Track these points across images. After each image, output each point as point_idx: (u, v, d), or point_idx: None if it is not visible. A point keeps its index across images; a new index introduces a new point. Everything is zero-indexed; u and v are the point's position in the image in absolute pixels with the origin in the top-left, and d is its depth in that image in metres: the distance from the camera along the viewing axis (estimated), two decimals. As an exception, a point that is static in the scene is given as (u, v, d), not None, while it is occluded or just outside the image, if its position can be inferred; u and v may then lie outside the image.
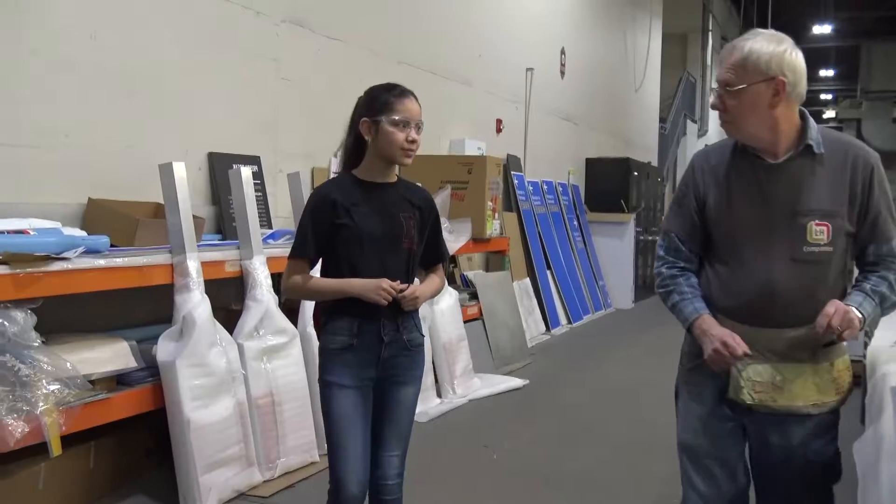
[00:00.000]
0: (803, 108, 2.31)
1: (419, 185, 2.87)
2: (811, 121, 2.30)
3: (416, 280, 2.76)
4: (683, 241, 2.42)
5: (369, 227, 2.61)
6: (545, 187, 9.82)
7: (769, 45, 2.21)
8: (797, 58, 2.23)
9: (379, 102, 2.66)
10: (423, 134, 2.75)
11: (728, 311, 2.33)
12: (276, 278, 3.79)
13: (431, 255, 2.82)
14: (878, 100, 26.31)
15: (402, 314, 2.67)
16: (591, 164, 11.66)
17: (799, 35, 21.21)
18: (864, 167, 2.26)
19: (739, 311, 2.31)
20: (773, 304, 2.27)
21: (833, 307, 2.17)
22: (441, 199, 6.31)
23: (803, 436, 2.32)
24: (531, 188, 9.36)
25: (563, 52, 10.59)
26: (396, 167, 2.73)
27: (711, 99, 2.35)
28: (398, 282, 2.59)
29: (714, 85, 2.35)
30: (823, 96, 31.28)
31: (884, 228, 2.28)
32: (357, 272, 2.61)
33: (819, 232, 2.25)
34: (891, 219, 2.29)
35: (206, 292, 3.82)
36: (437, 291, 2.86)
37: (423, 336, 2.78)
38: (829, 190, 2.25)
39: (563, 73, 10.63)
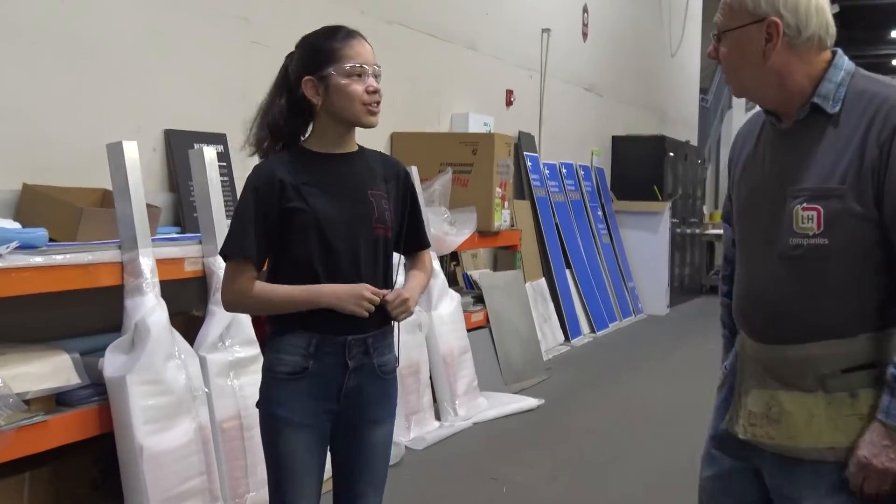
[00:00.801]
0: (836, 49, 2.12)
1: (387, 154, 2.75)
2: (836, 68, 2.09)
3: (400, 278, 2.67)
4: (730, 230, 2.40)
5: (329, 211, 2.47)
6: (564, 171, 9.83)
7: None
8: None
9: (323, 53, 2.51)
10: (418, 108, 2.71)
11: (738, 321, 2.28)
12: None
13: (412, 242, 2.70)
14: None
15: (373, 330, 2.52)
16: (618, 143, 11.68)
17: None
18: (884, 124, 1.98)
19: (739, 321, 2.26)
20: (757, 314, 2.16)
21: (863, 453, 1.95)
22: (440, 185, 6.34)
23: (818, 490, 2.06)
24: (547, 172, 9.37)
25: (585, 10, 10.59)
26: (354, 132, 2.60)
27: (711, 47, 2.20)
28: (385, 292, 2.47)
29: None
30: None
31: None
32: (317, 272, 2.45)
33: (807, 218, 2.03)
34: None
35: (163, 295, 3.83)
36: (424, 289, 2.73)
37: (398, 359, 2.66)
38: (831, 161, 2.02)
39: (585, 35, 10.63)
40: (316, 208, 2.46)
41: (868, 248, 2.01)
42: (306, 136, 2.59)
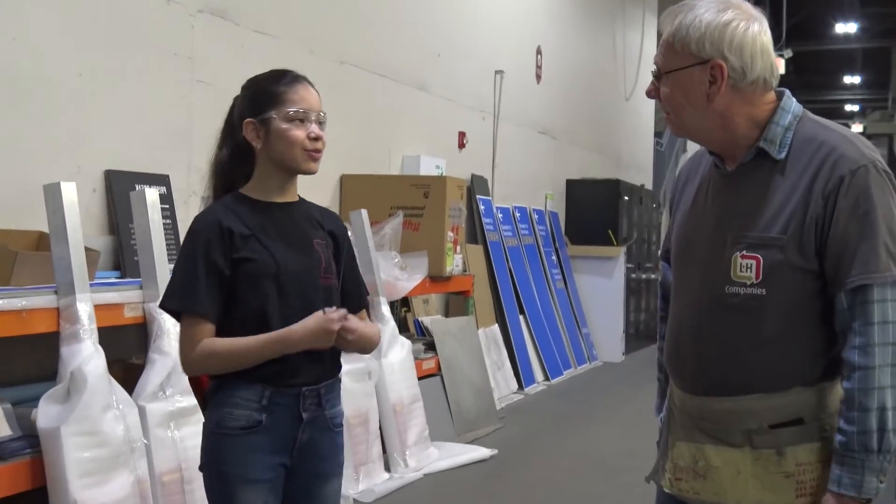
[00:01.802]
0: (783, 90, 2.11)
1: (325, 207, 2.73)
2: (783, 111, 2.08)
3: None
4: (669, 270, 2.40)
5: (282, 260, 2.44)
6: (517, 215, 9.89)
7: (707, 14, 2.01)
8: (749, 33, 2.01)
9: (266, 96, 2.49)
10: (369, 150, 2.72)
11: (667, 369, 2.27)
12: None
13: (354, 298, 2.64)
14: (913, 112, 26.92)
15: (325, 380, 2.50)
16: (572, 186, 11.79)
17: (820, 35, 21.73)
18: (830, 175, 1.96)
19: (669, 369, 2.24)
20: (686, 362, 2.15)
21: None
22: (391, 229, 6.34)
23: None
24: (500, 216, 9.42)
25: (539, 53, 10.72)
26: (296, 180, 2.58)
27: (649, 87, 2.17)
28: (334, 308, 2.41)
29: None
30: (849, 107, 32.01)
31: (850, 269, 1.94)
32: (269, 325, 2.40)
33: (746, 267, 2.02)
34: (875, 256, 1.94)
35: (101, 342, 3.78)
36: (371, 340, 2.63)
37: (343, 411, 2.63)
38: (774, 209, 2.01)
39: (539, 77, 10.76)
40: (269, 258, 2.43)
41: (806, 300, 2.01)
42: (249, 183, 2.56)
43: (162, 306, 2.48)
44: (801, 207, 1.98)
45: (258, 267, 2.41)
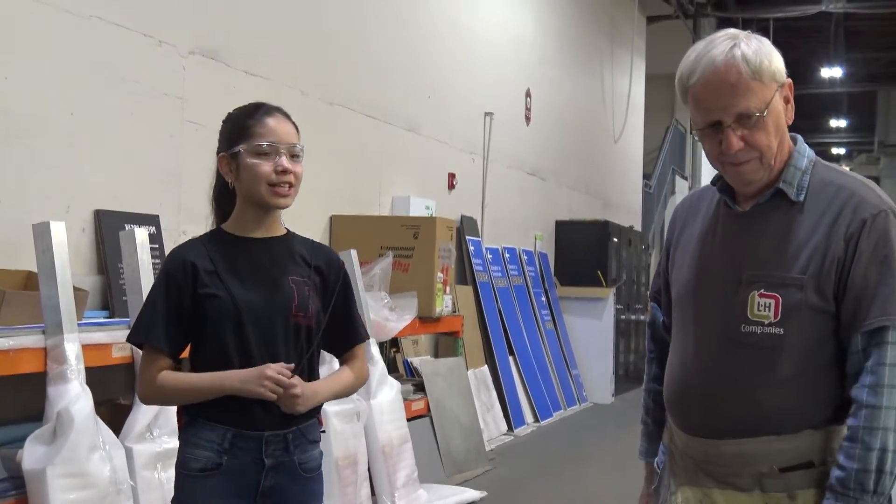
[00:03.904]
0: (796, 135, 2.13)
1: (321, 242, 2.67)
2: (800, 154, 2.08)
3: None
4: (660, 311, 2.38)
5: (244, 297, 2.39)
6: (507, 256, 9.90)
7: (761, 43, 2.01)
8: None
9: (237, 130, 2.45)
10: (359, 190, 2.69)
11: (670, 411, 2.23)
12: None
13: (343, 337, 2.59)
14: (898, 155, 27.15)
15: (295, 424, 2.42)
16: (561, 227, 11.82)
17: (806, 79, 21.92)
18: (852, 218, 1.97)
19: (671, 411, 2.21)
20: (693, 404, 2.11)
21: None
22: (381, 269, 6.33)
23: None
24: (490, 256, 9.43)
25: (528, 95, 10.79)
26: (278, 215, 2.53)
27: (732, 143, 1.99)
28: (292, 366, 2.36)
29: (699, 126, 2.04)
30: (835, 150, 32.24)
31: (868, 310, 1.94)
32: (230, 363, 2.37)
33: (764, 306, 2.00)
34: (893, 299, 1.94)
35: (88, 383, 3.75)
36: (347, 390, 2.59)
37: (322, 454, 2.55)
38: (793, 250, 2.00)
39: (528, 119, 10.82)
40: (231, 295, 2.39)
41: (821, 341, 2.00)
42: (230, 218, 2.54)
43: (127, 339, 2.50)
44: (822, 248, 1.98)
45: (219, 304, 2.38)
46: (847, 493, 1.92)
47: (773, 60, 2.00)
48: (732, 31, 2.04)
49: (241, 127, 2.45)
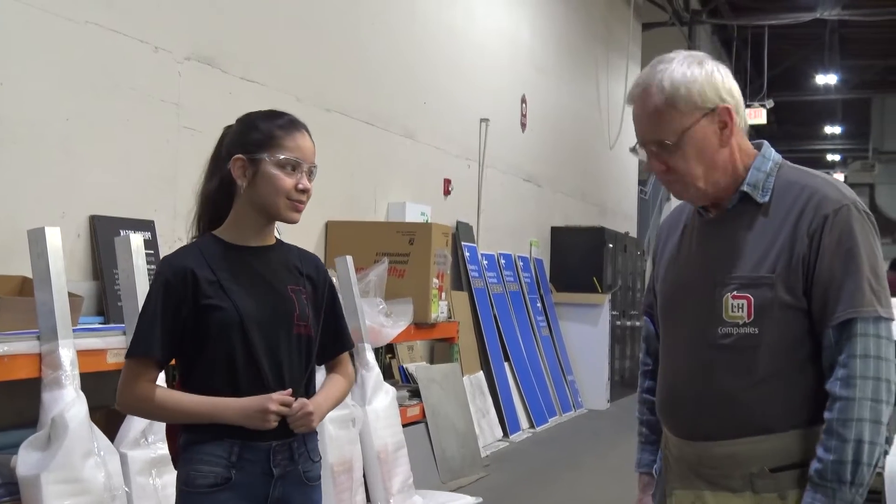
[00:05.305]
0: (762, 142, 2.18)
1: (304, 249, 2.65)
2: (764, 158, 2.13)
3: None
4: (653, 324, 2.42)
5: (251, 308, 2.35)
6: (502, 262, 9.90)
7: (691, 68, 2.05)
8: (728, 76, 2.10)
9: (260, 134, 2.41)
10: (354, 196, 2.67)
11: (661, 418, 2.26)
12: (173, 370, 3.72)
13: (331, 345, 2.58)
14: (892, 161, 27.15)
15: (297, 435, 2.41)
16: (557, 233, 11.82)
17: (801, 86, 21.98)
18: (814, 214, 2.02)
19: (663, 418, 2.24)
20: (682, 408, 2.15)
21: None
22: (376, 275, 6.33)
23: None
24: (486, 262, 9.43)
25: (523, 101, 10.80)
26: (275, 226, 2.51)
27: (652, 166, 2.12)
28: (289, 391, 2.34)
29: (634, 146, 2.16)
30: (830, 157, 32.26)
31: (836, 304, 1.98)
32: (236, 376, 2.34)
33: (737, 307, 2.05)
34: (859, 292, 1.98)
35: (83, 389, 3.75)
36: (344, 396, 2.59)
37: (321, 464, 2.54)
38: (761, 250, 2.05)
39: (523, 125, 10.83)
40: (237, 306, 2.34)
41: (797, 338, 2.04)
42: (224, 223, 2.49)
43: (126, 356, 2.41)
44: (788, 246, 2.03)
45: (224, 315, 2.33)
46: (825, 485, 1.95)
47: (696, 88, 2.03)
48: (675, 53, 2.10)
49: (269, 135, 2.40)
